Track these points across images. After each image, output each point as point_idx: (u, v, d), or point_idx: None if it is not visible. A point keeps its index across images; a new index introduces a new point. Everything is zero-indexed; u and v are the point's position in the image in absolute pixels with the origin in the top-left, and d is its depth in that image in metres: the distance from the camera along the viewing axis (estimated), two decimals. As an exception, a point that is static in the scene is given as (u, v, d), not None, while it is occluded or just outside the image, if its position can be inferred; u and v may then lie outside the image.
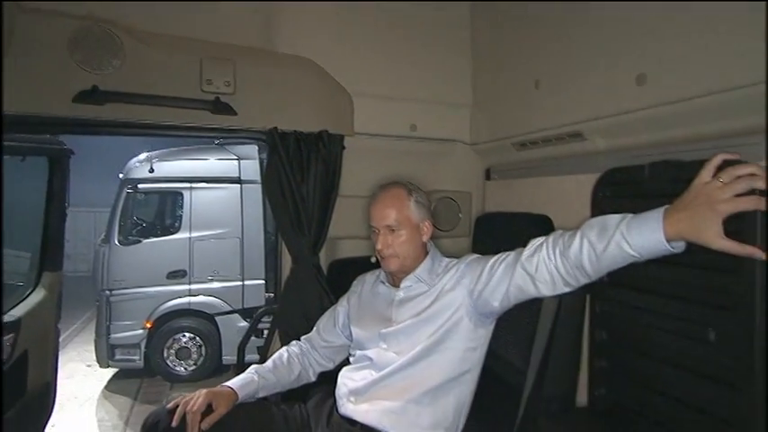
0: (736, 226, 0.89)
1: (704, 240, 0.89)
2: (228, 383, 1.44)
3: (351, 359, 1.53)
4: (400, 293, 1.45)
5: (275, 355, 1.60)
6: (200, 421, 1.28)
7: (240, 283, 4.77)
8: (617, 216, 1.03)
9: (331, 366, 1.63)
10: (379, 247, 1.42)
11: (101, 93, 1.52)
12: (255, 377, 1.48)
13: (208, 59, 1.67)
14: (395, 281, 1.49)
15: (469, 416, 1.43)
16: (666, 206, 0.96)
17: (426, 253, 1.48)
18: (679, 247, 0.95)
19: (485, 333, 1.40)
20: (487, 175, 1.99)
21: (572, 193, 1.47)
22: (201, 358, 4.79)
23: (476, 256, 1.43)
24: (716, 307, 1.03)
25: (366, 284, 1.61)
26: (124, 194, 4.70)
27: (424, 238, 1.48)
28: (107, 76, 1.54)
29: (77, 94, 1.51)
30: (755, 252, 0.88)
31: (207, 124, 1.70)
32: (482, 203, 2.03)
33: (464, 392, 1.39)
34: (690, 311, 1.08)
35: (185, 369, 4.77)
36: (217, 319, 4.75)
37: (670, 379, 1.13)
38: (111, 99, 1.54)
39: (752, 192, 0.87)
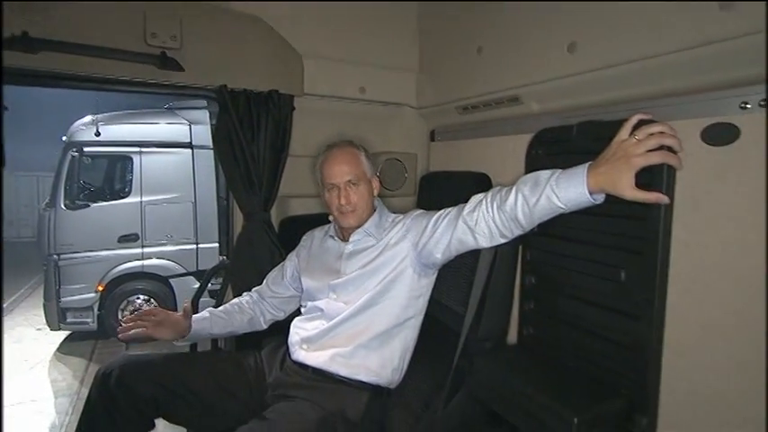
0: (646, 179, 0.95)
1: (620, 191, 0.95)
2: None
3: (302, 309, 1.54)
4: (349, 247, 1.46)
5: (228, 303, 1.60)
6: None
7: (194, 246, 4.62)
8: (547, 171, 1.08)
9: (282, 316, 1.64)
10: (342, 202, 1.40)
11: (33, 40, 1.36)
12: (208, 314, 1.52)
13: (152, 11, 1.53)
14: (344, 235, 1.50)
15: (413, 356, 1.48)
16: (590, 162, 1.01)
17: (374, 209, 1.50)
18: (599, 198, 1.00)
19: (427, 282, 1.44)
20: (432, 137, 1.99)
21: (508, 152, 1.50)
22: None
23: (420, 211, 1.46)
24: (627, 251, 1.10)
25: (315, 239, 1.61)
26: (69, 158, 4.36)
27: (375, 193, 1.50)
28: (40, 23, 1.37)
29: (5, 39, 1.34)
30: (661, 198, 0.95)
31: (153, 80, 1.57)
32: (427, 163, 2.04)
33: (409, 336, 1.44)
34: (605, 256, 1.15)
35: (141, 330, 4.61)
36: (171, 281, 4.60)
37: (586, 315, 1.21)
38: (46, 47, 1.38)
39: (661, 147, 0.93)
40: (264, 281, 1.66)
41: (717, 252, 0.96)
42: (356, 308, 1.38)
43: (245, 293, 1.65)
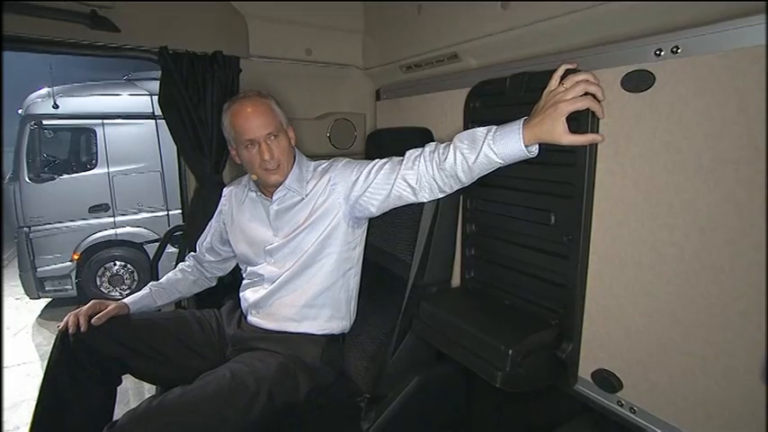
0: (574, 128, 0.91)
1: (555, 138, 0.90)
2: (122, 301, 1.31)
3: (243, 275, 1.43)
4: (274, 206, 1.32)
5: (171, 272, 1.49)
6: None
7: (164, 213, 4.38)
8: (483, 129, 1.01)
9: (223, 273, 1.56)
10: (266, 157, 1.22)
11: None
12: (148, 290, 1.38)
13: None
14: (266, 192, 1.34)
15: (365, 303, 1.44)
16: (524, 117, 0.95)
17: (294, 160, 1.33)
18: (534, 151, 0.95)
19: (361, 232, 1.37)
20: (378, 96, 1.87)
21: (448, 107, 1.42)
22: (135, 283, 4.43)
23: (345, 160, 1.33)
24: (556, 195, 1.07)
25: (234, 198, 1.43)
26: (28, 131, 3.95)
27: (293, 143, 1.33)
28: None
29: None
30: (595, 137, 0.91)
31: (86, 40, 1.36)
32: (374, 121, 1.93)
33: (351, 285, 1.38)
34: (538, 201, 1.12)
35: (120, 294, 4.40)
36: (145, 246, 4.37)
37: (521, 257, 1.19)
38: None
39: (586, 94, 0.89)
40: (197, 246, 1.53)
41: (633, 192, 0.94)
42: (295, 269, 1.29)
43: (186, 258, 1.55)
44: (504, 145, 0.96)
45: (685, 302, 0.87)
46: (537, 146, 0.96)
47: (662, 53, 0.86)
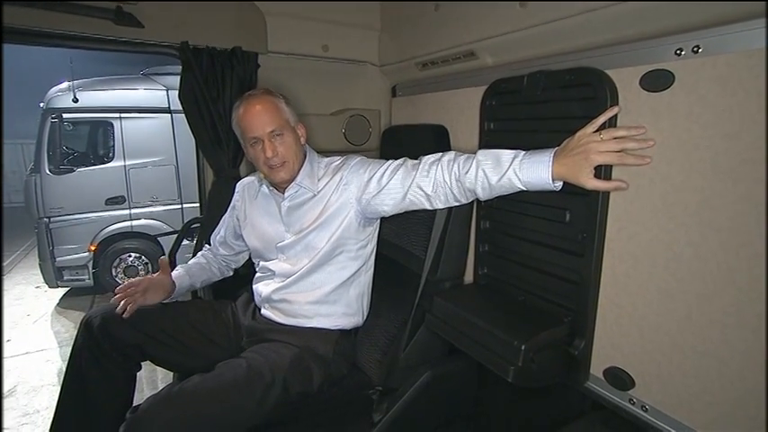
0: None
1: (581, 182, 0.94)
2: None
3: (256, 268, 1.46)
4: (285, 203, 1.33)
5: (194, 258, 1.54)
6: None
7: (179, 206, 4.45)
8: (508, 153, 1.03)
9: (238, 266, 1.59)
10: (269, 155, 1.23)
11: None
12: (183, 270, 1.46)
13: None
14: (278, 188, 1.35)
15: (379, 297, 1.45)
16: (554, 151, 0.97)
17: (305, 156, 1.34)
18: (558, 186, 0.98)
19: (372, 229, 1.38)
20: (393, 93, 1.88)
21: (464, 104, 1.42)
22: (149, 274, 4.52)
23: (358, 159, 1.33)
24: (571, 193, 1.06)
25: (248, 191, 1.45)
26: (49, 124, 4.04)
27: (302, 141, 1.33)
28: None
29: None
30: (620, 185, 0.94)
31: (110, 36, 1.40)
32: (389, 118, 1.93)
33: (363, 282, 1.39)
34: (552, 199, 1.11)
35: (134, 286, 4.50)
36: (159, 239, 4.45)
37: (535, 254, 1.20)
38: None
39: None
40: (211, 240, 1.56)
41: (650, 191, 0.94)
42: (308, 268, 1.31)
43: (203, 249, 1.59)
44: (530, 174, 0.98)
45: (700, 302, 0.87)
46: (561, 181, 0.97)
47: (682, 53, 0.85)
